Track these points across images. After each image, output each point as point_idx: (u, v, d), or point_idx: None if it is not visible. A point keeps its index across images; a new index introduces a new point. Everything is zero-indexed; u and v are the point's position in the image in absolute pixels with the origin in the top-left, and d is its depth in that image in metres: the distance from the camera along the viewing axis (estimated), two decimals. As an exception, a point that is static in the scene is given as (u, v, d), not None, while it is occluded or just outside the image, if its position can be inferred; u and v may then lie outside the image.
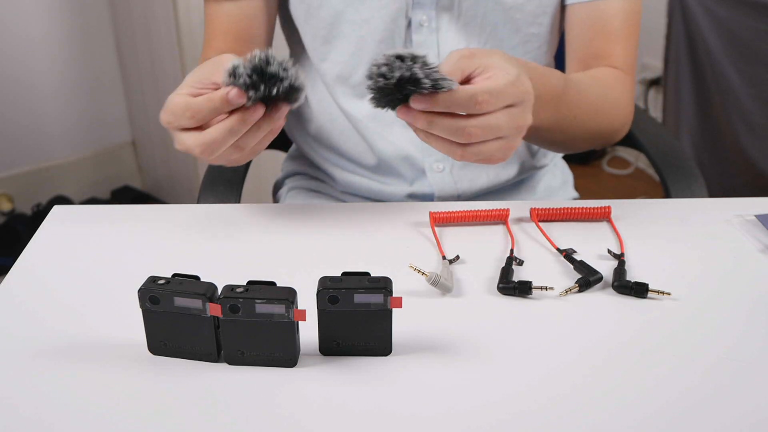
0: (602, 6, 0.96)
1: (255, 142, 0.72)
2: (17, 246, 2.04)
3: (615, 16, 0.97)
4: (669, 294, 0.69)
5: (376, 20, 0.95)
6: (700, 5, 2.03)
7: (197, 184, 2.26)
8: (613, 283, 0.70)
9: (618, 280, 0.70)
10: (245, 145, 0.72)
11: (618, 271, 0.71)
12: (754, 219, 0.81)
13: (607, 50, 0.97)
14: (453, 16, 0.95)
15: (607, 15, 0.97)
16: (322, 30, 0.97)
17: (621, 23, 0.97)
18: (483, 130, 0.68)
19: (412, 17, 0.95)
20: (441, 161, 1.02)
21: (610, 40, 0.97)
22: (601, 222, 0.82)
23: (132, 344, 0.62)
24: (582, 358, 0.62)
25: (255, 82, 0.67)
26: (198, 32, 2.05)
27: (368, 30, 0.95)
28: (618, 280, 0.70)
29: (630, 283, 0.70)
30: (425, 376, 0.60)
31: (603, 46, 0.97)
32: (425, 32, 0.96)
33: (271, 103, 0.69)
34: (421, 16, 0.95)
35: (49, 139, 2.37)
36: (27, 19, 2.22)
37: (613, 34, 0.97)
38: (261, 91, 0.67)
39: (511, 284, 0.70)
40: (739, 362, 0.61)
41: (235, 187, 1.04)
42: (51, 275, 0.73)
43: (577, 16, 0.98)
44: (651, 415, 0.56)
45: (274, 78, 0.67)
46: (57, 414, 0.56)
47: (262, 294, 0.57)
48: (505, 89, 0.68)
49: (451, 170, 1.02)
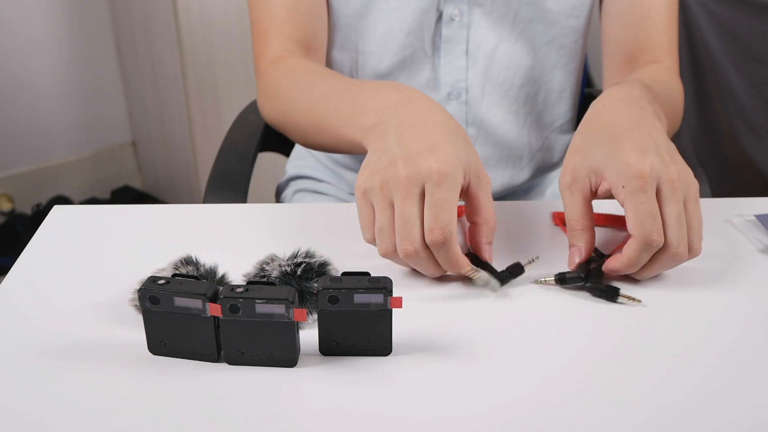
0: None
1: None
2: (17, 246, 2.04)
3: (659, 8, 0.95)
4: (639, 301, 0.67)
5: (405, 11, 0.93)
6: (700, 5, 2.03)
7: (197, 184, 2.26)
8: (585, 284, 0.69)
9: (590, 281, 0.69)
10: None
11: (594, 271, 0.70)
12: (754, 219, 0.81)
13: (652, 41, 0.96)
14: (485, 12, 0.93)
15: (651, 6, 0.95)
16: (350, 19, 0.95)
17: (665, 14, 0.95)
18: (680, 225, 0.66)
19: (443, 10, 0.93)
20: None
21: (655, 30, 0.95)
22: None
23: (132, 344, 0.62)
24: (582, 360, 0.62)
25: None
26: (198, 32, 2.05)
27: (397, 20, 0.93)
28: (590, 281, 0.69)
29: (601, 285, 0.68)
30: (425, 377, 0.60)
31: (648, 37, 0.96)
32: (455, 26, 0.94)
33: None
34: (453, 10, 0.93)
35: (49, 139, 2.37)
36: (27, 19, 2.22)
37: (657, 25, 0.95)
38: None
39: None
40: (738, 363, 0.61)
41: (241, 191, 1.03)
42: (51, 275, 0.73)
43: (617, 8, 0.96)
44: (651, 416, 0.56)
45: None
46: (57, 414, 0.56)
47: (262, 294, 0.57)
48: (644, 206, 0.65)
49: None
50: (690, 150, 2.18)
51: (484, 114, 0.99)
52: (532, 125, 1.02)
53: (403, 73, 0.97)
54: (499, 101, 0.99)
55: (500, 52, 0.96)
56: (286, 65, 0.91)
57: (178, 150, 2.27)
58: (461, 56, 0.96)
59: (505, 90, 0.98)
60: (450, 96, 0.97)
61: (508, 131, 1.01)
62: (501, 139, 1.01)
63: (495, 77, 0.97)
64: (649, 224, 0.64)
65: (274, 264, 0.68)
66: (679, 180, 0.65)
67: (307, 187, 1.12)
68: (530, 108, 1.01)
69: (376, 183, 0.65)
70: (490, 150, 1.02)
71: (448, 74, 0.96)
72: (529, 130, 1.02)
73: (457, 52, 0.95)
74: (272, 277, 0.66)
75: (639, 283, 0.71)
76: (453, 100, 0.98)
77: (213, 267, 0.68)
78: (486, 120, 0.99)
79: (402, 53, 0.95)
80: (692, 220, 0.67)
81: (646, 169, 0.64)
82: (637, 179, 0.64)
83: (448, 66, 0.96)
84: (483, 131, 1.00)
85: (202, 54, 2.08)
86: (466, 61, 0.96)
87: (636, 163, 0.65)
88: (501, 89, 0.98)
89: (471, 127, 1.00)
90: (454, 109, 0.98)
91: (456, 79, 0.97)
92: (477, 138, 1.00)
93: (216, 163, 1.08)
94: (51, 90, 2.33)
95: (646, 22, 0.96)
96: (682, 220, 0.65)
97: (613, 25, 0.97)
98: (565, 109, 1.04)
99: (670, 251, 0.66)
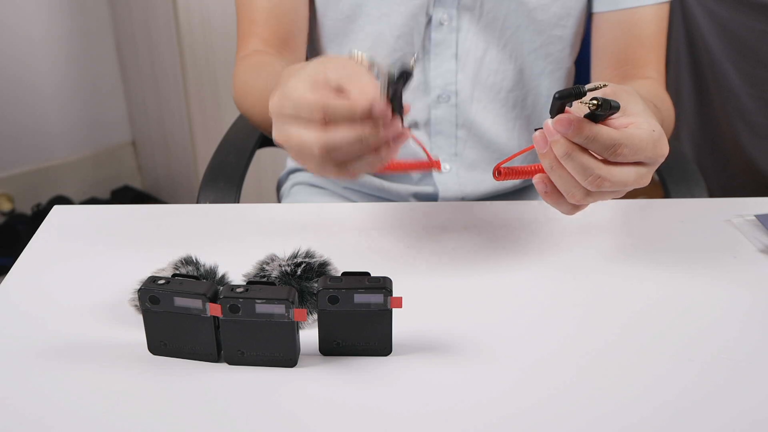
0: (635, 13, 0.95)
1: (373, 156, 0.64)
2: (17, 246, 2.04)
3: (649, 24, 0.96)
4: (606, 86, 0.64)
5: (395, 15, 0.94)
6: (700, 5, 2.03)
7: (197, 184, 2.24)
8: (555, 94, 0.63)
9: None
10: (363, 154, 0.63)
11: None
12: (754, 219, 0.81)
13: (642, 57, 0.97)
14: (474, 17, 0.95)
15: (641, 22, 0.96)
16: (339, 22, 0.97)
17: (654, 30, 0.96)
18: (613, 184, 0.63)
19: (432, 15, 0.94)
20: (448, 162, 1.02)
21: (645, 46, 0.96)
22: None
23: (132, 344, 0.62)
24: (581, 358, 0.62)
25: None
26: (198, 32, 2.05)
27: (387, 25, 0.95)
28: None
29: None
30: (425, 376, 0.60)
31: (638, 52, 0.97)
32: (445, 31, 0.95)
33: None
34: (442, 15, 0.94)
35: (49, 139, 2.37)
36: (27, 19, 2.22)
37: (647, 41, 0.96)
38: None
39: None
40: (738, 362, 0.61)
41: (235, 184, 1.04)
42: (51, 275, 0.73)
43: (608, 23, 0.97)
44: (650, 413, 0.56)
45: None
46: (57, 414, 0.56)
47: (262, 294, 0.57)
48: (645, 147, 0.63)
49: (458, 172, 1.02)
50: (690, 150, 2.18)
51: (474, 117, 1.00)
52: (522, 128, 1.03)
53: None
54: (488, 104, 1.00)
55: (489, 57, 0.97)
56: (249, 61, 0.96)
57: (178, 150, 2.27)
58: (450, 60, 0.97)
59: (495, 93, 1.00)
60: (440, 99, 0.98)
61: (498, 134, 1.02)
62: (491, 142, 1.02)
63: (484, 81, 0.98)
64: (620, 149, 0.62)
65: (274, 264, 0.68)
66: (639, 185, 0.65)
67: (305, 180, 1.13)
68: (519, 111, 1.02)
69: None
70: (480, 152, 1.02)
71: (437, 77, 0.98)
72: (519, 133, 1.03)
73: (446, 55, 0.97)
74: (272, 277, 0.66)
75: (639, 283, 0.71)
76: (443, 103, 0.99)
77: (213, 267, 0.68)
78: (476, 123, 1.00)
79: (392, 57, 0.97)
80: (610, 194, 0.65)
81: (654, 153, 0.64)
82: (651, 145, 0.63)
83: (438, 69, 0.97)
84: (473, 134, 1.01)
85: (202, 54, 2.08)
86: (456, 65, 0.97)
87: (657, 142, 0.64)
88: (490, 93, 0.99)
89: (461, 130, 1.01)
90: (444, 112, 0.99)
91: (445, 82, 0.98)
92: (467, 140, 1.01)
93: (214, 157, 1.10)
94: (51, 90, 2.33)
95: (636, 40, 0.96)
96: (620, 183, 0.63)
97: (603, 39, 0.99)
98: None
99: (595, 167, 0.62)
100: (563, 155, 0.62)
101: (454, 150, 1.01)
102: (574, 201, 0.65)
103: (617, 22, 0.97)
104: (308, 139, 0.61)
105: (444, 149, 1.01)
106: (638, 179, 0.64)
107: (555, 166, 0.64)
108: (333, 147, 0.61)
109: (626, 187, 0.64)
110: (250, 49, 0.97)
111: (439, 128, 1.00)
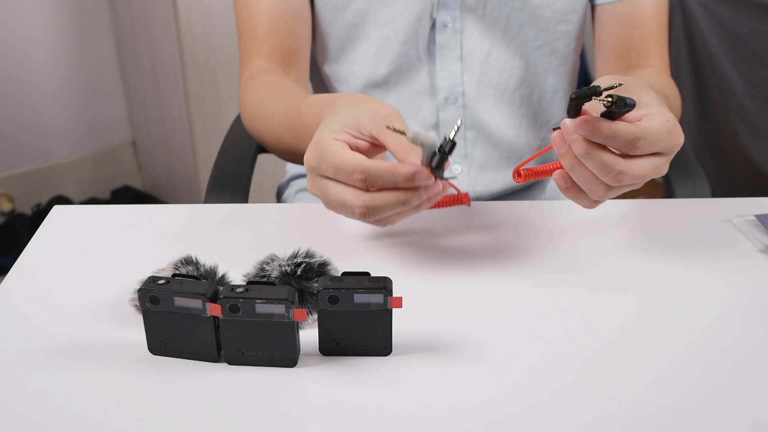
0: (636, 3, 0.97)
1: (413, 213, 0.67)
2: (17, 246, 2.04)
3: (650, 13, 0.98)
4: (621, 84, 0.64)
5: (400, 20, 0.95)
6: (700, 5, 2.03)
7: (197, 184, 2.26)
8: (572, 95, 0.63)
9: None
10: (405, 214, 0.66)
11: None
12: (754, 219, 0.81)
13: (645, 47, 0.98)
14: (477, 17, 0.95)
15: (642, 12, 0.97)
16: (345, 31, 0.97)
17: (656, 19, 0.98)
18: (633, 177, 0.64)
19: (436, 17, 0.95)
20: (459, 163, 1.02)
21: (647, 36, 0.98)
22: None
23: (132, 344, 0.62)
24: (580, 358, 0.62)
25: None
26: (198, 32, 2.05)
27: (392, 30, 0.95)
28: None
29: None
30: (425, 377, 0.60)
31: (640, 43, 0.98)
32: (449, 33, 0.96)
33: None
34: (446, 17, 0.95)
35: (49, 139, 2.37)
36: (27, 19, 2.22)
37: (649, 31, 0.98)
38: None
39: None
40: (738, 362, 0.61)
41: (241, 193, 1.04)
42: (51, 275, 0.73)
43: (610, 14, 0.99)
44: (650, 413, 0.56)
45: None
46: (57, 414, 0.56)
47: (262, 294, 0.57)
48: (662, 138, 0.64)
49: (469, 173, 1.02)
50: (690, 150, 2.18)
51: (482, 117, 1.00)
52: (529, 126, 1.04)
53: (400, 80, 0.99)
54: (495, 104, 1.00)
55: (494, 56, 0.98)
56: (257, 83, 0.95)
57: (178, 150, 2.27)
58: (456, 61, 0.97)
59: (501, 92, 1.00)
60: (447, 101, 0.99)
61: (507, 133, 1.02)
62: (500, 141, 1.02)
63: (490, 80, 0.99)
64: (639, 143, 0.63)
65: (274, 264, 0.68)
66: (656, 176, 0.66)
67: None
68: (526, 109, 1.02)
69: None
70: (490, 152, 1.03)
71: (444, 79, 0.98)
72: (527, 130, 1.04)
73: (451, 57, 0.97)
74: (272, 277, 0.66)
75: (638, 282, 0.71)
76: (450, 105, 0.99)
77: (213, 267, 0.68)
78: (484, 123, 1.01)
79: (398, 62, 0.97)
80: (627, 187, 0.66)
81: (670, 143, 0.65)
82: (667, 136, 0.64)
83: (444, 71, 0.98)
84: (482, 134, 1.01)
85: (202, 54, 2.08)
86: (461, 66, 0.97)
87: (672, 131, 0.65)
88: (497, 92, 1.00)
89: (470, 131, 1.01)
90: (451, 113, 1.00)
91: (452, 84, 0.98)
92: (477, 141, 1.02)
93: (216, 165, 1.09)
94: (51, 90, 2.33)
95: (638, 31, 0.98)
96: (639, 176, 0.64)
97: (605, 30, 1.00)
98: (560, 109, 1.06)
99: (615, 163, 0.64)
100: (583, 154, 0.64)
101: (464, 151, 1.02)
102: (596, 197, 0.67)
103: (619, 13, 0.98)
104: (348, 199, 0.64)
105: (454, 151, 1.01)
106: (656, 170, 0.65)
107: (575, 165, 0.65)
108: (374, 209, 0.64)
109: (645, 179, 0.66)
110: (255, 68, 0.96)
111: (447, 130, 1.00)
